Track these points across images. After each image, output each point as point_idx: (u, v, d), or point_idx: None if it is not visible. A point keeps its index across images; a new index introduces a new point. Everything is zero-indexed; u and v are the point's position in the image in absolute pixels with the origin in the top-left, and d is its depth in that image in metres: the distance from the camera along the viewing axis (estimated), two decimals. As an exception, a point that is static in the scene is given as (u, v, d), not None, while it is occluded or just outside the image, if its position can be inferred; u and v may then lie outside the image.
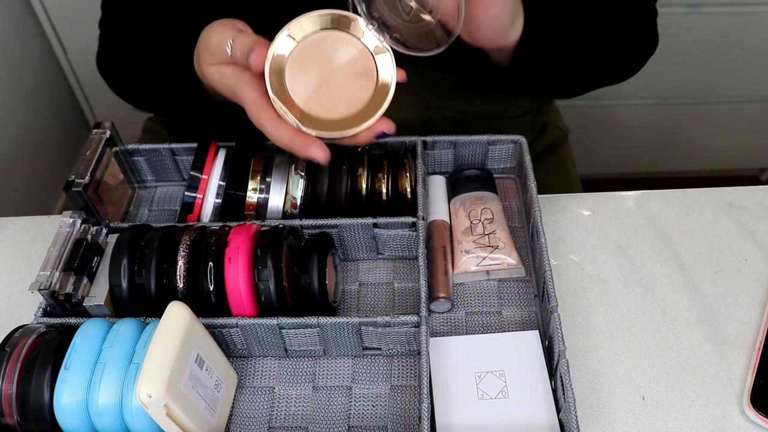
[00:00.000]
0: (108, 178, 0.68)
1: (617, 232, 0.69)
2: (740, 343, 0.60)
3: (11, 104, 1.38)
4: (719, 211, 0.71)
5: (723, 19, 1.33)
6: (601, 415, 0.57)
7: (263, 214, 0.66)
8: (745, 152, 1.64)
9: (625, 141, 1.59)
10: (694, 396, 0.57)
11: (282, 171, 0.66)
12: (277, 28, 0.56)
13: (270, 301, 0.56)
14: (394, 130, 0.57)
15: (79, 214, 0.62)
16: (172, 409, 0.48)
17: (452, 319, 0.63)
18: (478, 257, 0.65)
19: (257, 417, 0.58)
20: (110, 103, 1.33)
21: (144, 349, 0.51)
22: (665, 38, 1.33)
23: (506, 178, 0.75)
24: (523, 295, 0.65)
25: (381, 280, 0.66)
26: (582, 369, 0.59)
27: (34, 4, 1.37)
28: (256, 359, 0.61)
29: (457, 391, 0.57)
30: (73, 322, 0.57)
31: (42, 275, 0.57)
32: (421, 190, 0.65)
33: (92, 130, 0.68)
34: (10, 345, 0.52)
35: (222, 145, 0.69)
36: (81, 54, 1.46)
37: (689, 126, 1.55)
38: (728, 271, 0.66)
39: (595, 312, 0.63)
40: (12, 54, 1.38)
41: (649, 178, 1.71)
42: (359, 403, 0.58)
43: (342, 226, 0.64)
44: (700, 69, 1.43)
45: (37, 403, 0.50)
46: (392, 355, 0.60)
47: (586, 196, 0.73)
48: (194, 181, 0.66)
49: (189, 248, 0.57)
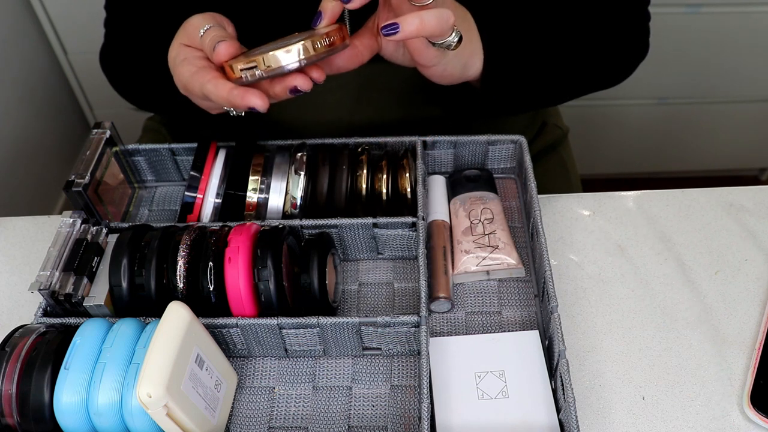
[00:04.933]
0: (108, 178, 0.68)
1: (617, 232, 0.69)
2: (740, 343, 0.60)
3: (11, 104, 1.38)
4: (719, 211, 0.71)
5: (723, 19, 1.33)
6: (601, 415, 0.57)
7: (263, 214, 0.66)
8: (745, 152, 1.64)
9: (625, 141, 1.59)
10: (694, 396, 0.57)
11: (282, 171, 0.66)
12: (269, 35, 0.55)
13: (270, 301, 0.56)
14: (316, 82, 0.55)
15: (79, 214, 0.62)
16: (172, 409, 0.48)
17: (452, 319, 0.63)
18: (478, 257, 0.65)
19: (257, 417, 0.58)
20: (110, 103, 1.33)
21: (144, 349, 0.51)
22: (665, 38, 1.34)
23: (506, 178, 0.75)
24: (523, 295, 0.65)
25: (381, 280, 0.66)
26: (582, 369, 0.59)
27: (34, 4, 1.37)
28: (256, 359, 0.61)
29: (457, 391, 0.57)
30: (73, 322, 0.57)
31: (42, 275, 0.57)
32: (421, 190, 0.65)
33: (92, 130, 0.68)
34: (10, 345, 0.52)
35: (222, 145, 0.69)
36: (81, 54, 1.46)
37: (689, 126, 1.55)
38: (728, 271, 0.66)
39: (595, 312, 0.63)
40: (12, 54, 1.38)
41: (649, 178, 1.71)
42: (359, 403, 0.58)
43: (342, 226, 0.64)
44: (700, 69, 1.43)
45: (37, 403, 0.50)
46: (392, 355, 0.60)
47: (586, 196, 0.73)
48: (194, 181, 0.66)
49: (189, 248, 0.57)
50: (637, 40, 0.74)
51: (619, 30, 0.72)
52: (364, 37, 0.58)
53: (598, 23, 0.71)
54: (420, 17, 0.50)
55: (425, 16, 0.51)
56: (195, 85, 0.55)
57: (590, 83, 0.74)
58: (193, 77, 0.55)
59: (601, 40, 0.71)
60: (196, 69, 0.55)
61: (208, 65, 0.56)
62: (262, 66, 0.52)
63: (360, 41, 0.57)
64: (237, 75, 0.53)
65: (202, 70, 0.55)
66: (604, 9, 0.71)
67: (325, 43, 0.53)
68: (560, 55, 0.69)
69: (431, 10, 0.51)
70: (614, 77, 0.75)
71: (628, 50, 0.74)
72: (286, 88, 0.54)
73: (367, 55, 0.58)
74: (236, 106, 0.53)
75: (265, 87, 0.55)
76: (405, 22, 0.50)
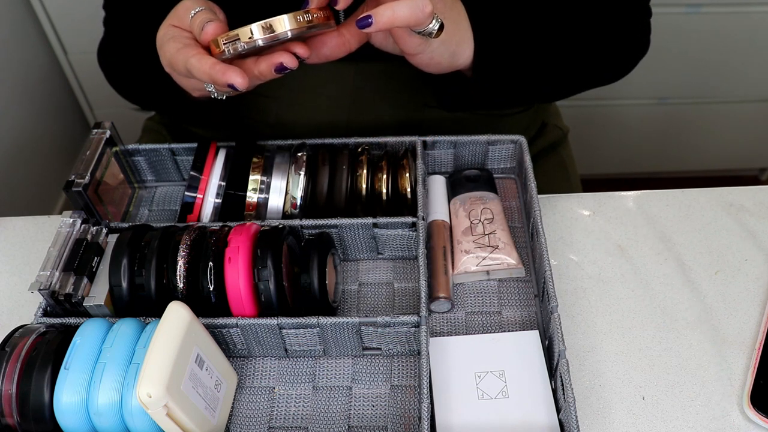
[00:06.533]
0: (108, 178, 0.68)
1: (617, 232, 0.69)
2: (740, 343, 0.60)
3: (11, 104, 1.38)
4: (719, 211, 0.71)
5: (723, 19, 1.33)
6: (601, 415, 0.57)
7: (263, 214, 0.66)
8: (745, 152, 1.64)
9: (625, 141, 1.59)
10: (694, 396, 0.57)
11: (282, 171, 0.66)
12: None
13: (270, 301, 0.56)
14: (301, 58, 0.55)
15: (79, 214, 0.62)
16: (172, 409, 0.48)
17: (452, 319, 0.63)
18: (478, 257, 0.65)
19: (257, 417, 0.58)
20: (110, 103, 1.33)
21: (144, 349, 0.51)
22: (665, 38, 1.34)
23: (506, 178, 0.75)
24: (523, 295, 0.65)
25: (381, 280, 0.66)
26: (582, 369, 0.59)
27: (34, 4, 1.37)
28: (256, 359, 0.61)
29: (457, 391, 0.57)
30: (73, 322, 0.57)
31: (42, 275, 0.57)
32: (421, 190, 0.65)
33: (92, 130, 0.68)
34: (10, 345, 0.52)
35: (222, 145, 0.69)
36: (81, 54, 1.46)
37: (689, 126, 1.55)
38: (728, 271, 0.66)
39: (595, 312, 0.63)
40: (12, 54, 1.38)
41: (649, 178, 1.71)
42: (359, 403, 0.58)
43: (342, 226, 0.64)
44: (700, 69, 1.43)
45: (37, 403, 0.50)
46: (392, 355, 0.60)
47: (586, 196, 0.73)
48: (194, 181, 0.66)
49: (189, 248, 0.57)
50: (638, 36, 0.73)
51: (619, 24, 0.72)
52: (351, 26, 0.58)
53: (598, 17, 0.70)
54: (392, 8, 0.51)
55: (397, 7, 0.51)
56: (179, 61, 0.55)
57: (589, 78, 0.74)
58: (178, 52, 0.56)
59: (600, 34, 0.70)
60: (182, 45, 0.56)
61: (194, 43, 0.56)
62: (245, 38, 0.53)
63: (347, 30, 0.58)
64: (221, 49, 0.54)
65: (188, 46, 0.56)
66: (605, 2, 0.70)
67: (307, 18, 0.53)
68: (556, 47, 0.68)
69: (405, 1, 0.51)
70: (614, 72, 0.75)
71: (628, 45, 0.73)
72: (272, 66, 0.54)
73: (355, 44, 0.58)
74: (217, 81, 0.54)
75: (250, 66, 0.55)
76: (377, 14, 0.51)
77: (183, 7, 0.58)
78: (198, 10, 0.56)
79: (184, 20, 0.58)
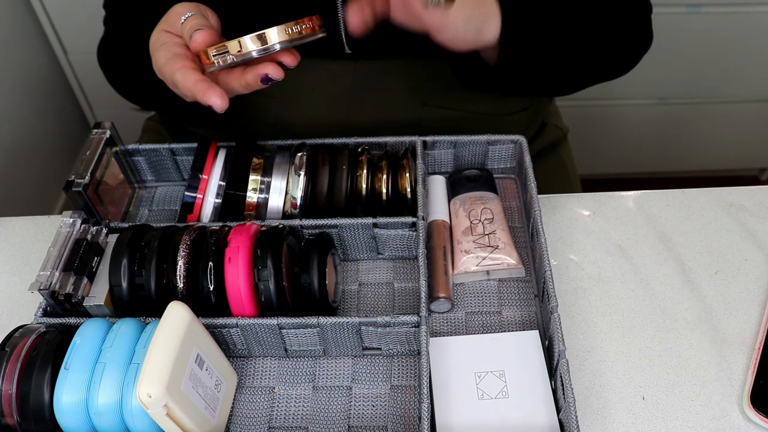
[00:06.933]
0: (108, 178, 0.68)
1: (617, 232, 0.69)
2: (740, 343, 0.60)
3: (11, 104, 1.38)
4: (719, 211, 0.71)
5: (723, 19, 1.33)
6: (601, 415, 0.57)
7: (263, 214, 0.66)
8: (745, 152, 1.64)
9: (625, 141, 1.59)
10: (694, 396, 0.57)
11: (282, 171, 0.66)
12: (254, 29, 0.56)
13: (270, 301, 0.56)
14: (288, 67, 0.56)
15: (79, 214, 0.62)
16: (172, 409, 0.48)
17: (452, 319, 0.63)
18: (478, 257, 0.65)
19: (257, 417, 0.58)
20: (110, 103, 1.33)
21: (144, 349, 0.51)
22: (665, 38, 1.34)
23: (506, 178, 0.75)
24: (523, 295, 0.65)
25: (381, 280, 0.66)
26: (582, 369, 0.59)
27: (34, 4, 1.37)
28: (256, 359, 0.61)
29: (457, 391, 0.57)
30: (73, 322, 0.57)
31: (42, 275, 0.57)
32: (421, 190, 0.65)
33: (92, 130, 0.68)
34: (10, 345, 0.52)
35: (222, 145, 0.69)
36: (81, 54, 1.46)
37: (689, 126, 1.55)
38: (728, 271, 0.66)
39: (595, 312, 0.63)
40: (12, 54, 1.38)
41: (649, 178, 1.71)
42: (359, 403, 0.58)
43: (342, 226, 0.64)
44: (700, 69, 1.43)
45: (37, 403, 0.50)
46: (392, 355, 0.60)
47: (586, 196, 0.73)
48: (194, 181, 0.66)
49: (189, 248, 0.57)
50: (641, 29, 0.74)
51: (624, 17, 0.72)
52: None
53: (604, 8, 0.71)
54: None
55: None
56: (166, 72, 0.56)
57: (598, 70, 0.74)
58: (166, 63, 0.56)
59: (607, 25, 0.71)
60: (171, 55, 0.56)
61: (183, 53, 0.57)
62: (233, 50, 0.54)
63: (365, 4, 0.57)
64: (210, 60, 0.55)
65: (176, 57, 0.56)
66: None
67: (296, 29, 0.54)
68: (575, 34, 0.68)
69: None
70: (620, 66, 0.75)
71: (634, 37, 0.74)
72: (258, 77, 0.55)
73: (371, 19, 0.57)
74: (198, 99, 0.54)
75: (237, 76, 0.56)
76: None
77: (174, 13, 0.59)
78: (188, 16, 0.57)
79: (175, 25, 0.58)
